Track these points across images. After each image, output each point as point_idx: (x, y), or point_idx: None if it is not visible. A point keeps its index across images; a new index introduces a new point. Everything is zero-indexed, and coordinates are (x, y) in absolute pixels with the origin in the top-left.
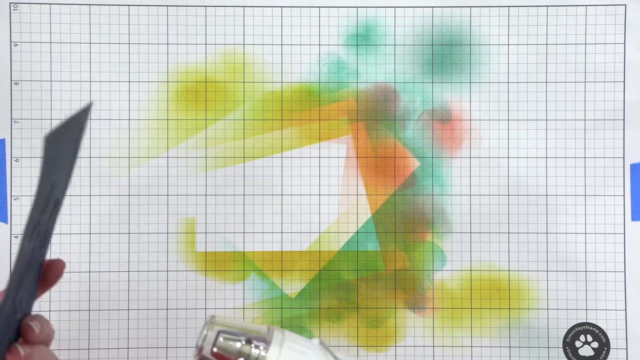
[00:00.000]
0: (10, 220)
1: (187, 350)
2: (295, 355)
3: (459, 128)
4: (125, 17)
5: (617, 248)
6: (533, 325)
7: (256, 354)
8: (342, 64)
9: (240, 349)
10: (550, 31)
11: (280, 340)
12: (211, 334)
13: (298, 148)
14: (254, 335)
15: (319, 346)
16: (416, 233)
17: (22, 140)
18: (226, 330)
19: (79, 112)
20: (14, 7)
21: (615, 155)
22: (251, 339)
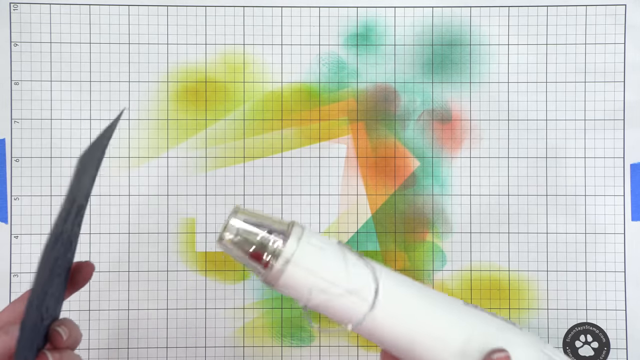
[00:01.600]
0: (10, 220)
1: (187, 350)
2: (313, 250)
3: (459, 128)
4: (125, 17)
5: (617, 248)
6: (533, 325)
7: (273, 246)
8: (342, 64)
9: (259, 241)
10: (550, 31)
11: (299, 234)
12: (233, 223)
13: (298, 148)
14: (274, 227)
15: (337, 244)
16: (416, 233)
17: (22, 140)
18: (248, 220)
19: (111, 123)
20: (14, 7)
21: (615, 155)
22: (271, 231)
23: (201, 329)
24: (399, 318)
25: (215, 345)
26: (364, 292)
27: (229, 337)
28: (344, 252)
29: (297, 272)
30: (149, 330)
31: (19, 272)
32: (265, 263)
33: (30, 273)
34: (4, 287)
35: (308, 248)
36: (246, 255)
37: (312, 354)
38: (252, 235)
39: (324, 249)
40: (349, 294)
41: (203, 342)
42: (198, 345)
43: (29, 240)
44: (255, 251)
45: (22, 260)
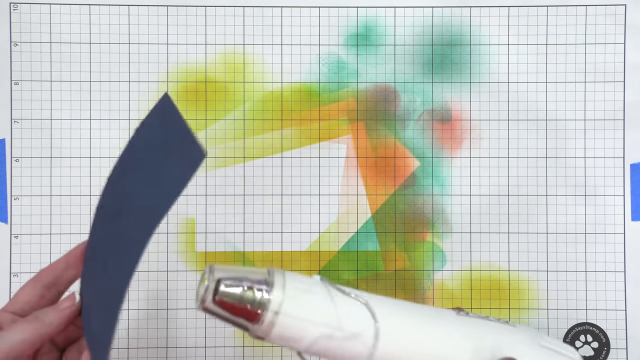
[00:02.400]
0: (10, 220)
1: (187, 350)
2: (300, 295)
3: (459, 128)
4: (125, 17)
5: (617, 248)
6: (533, 325)
7: (259, 297)
8: (342, 64)
9: (242, 295)
10: (550, 31)
11: (282, 281)
12: (211, 283)
13: (298, 148)
14: (254, 278)
15: (320, 282)
16: (416, 233)
17: (22, 140)
18: (226, 277)
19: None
20: (14, 7)
21: (615, 155)
22: (253, 283)
23: (201, 329)
24: (403, 348)
25: (215, 345)
26: (364, 333)
27: (229, 337)
28: (329, 290)
29: (289, 321)
30: (149, 330)
31: (19, 272)
32: (254, 318)
33: (30, 273)
34: (4, 287)
35: (295, 294)
36: (231, 314)
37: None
38: (234, 292)
39: (310, 291)
40: (348, 338)
41: (203, 342)
42: (198, 345)
43: (29, 240)
44: (241, 308)
45: (22, 260)
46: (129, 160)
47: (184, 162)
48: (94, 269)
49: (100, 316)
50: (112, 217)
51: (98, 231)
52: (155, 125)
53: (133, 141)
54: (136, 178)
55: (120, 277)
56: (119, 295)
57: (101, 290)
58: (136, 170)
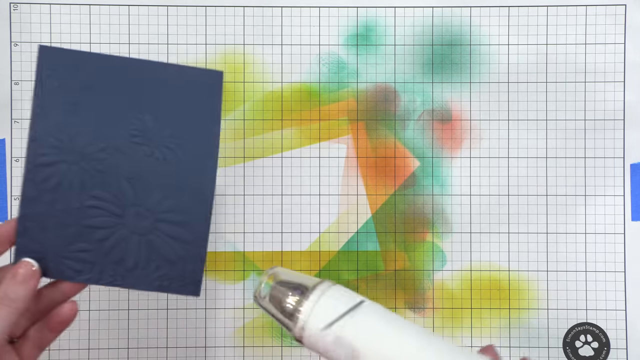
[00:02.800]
0: None
1: (187, 350)
2: (329, 313)
3: (459, 128)
4: (125, 17)
5: (617, 248)
6: (533, 325)
7: (290, 309)
8: (342, 64)
9: (287, 301)
10: (550, 31)
11: (317, 297)
12: (264, 286)
13: (298, 148)
14: (299, 289)
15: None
16: (416, 233)
17: (22, 140)
18: (283, 279)
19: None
20: (14, 7)
21: (615, 155)
22: (302, 290)
23: (201, 329)
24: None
25: (215, 345)
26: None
27: (229, 337)
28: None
29: (314, 336)
30: (149, 330)
31: None
32: (290, 325)
33: None
34: None
35: (324, 311)
36: (278, 312)
37: (312, 354)
38: (282, 295)
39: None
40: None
41: (203, 342)
42: (198, 345)
43: None
44: (284, 311)
45: None
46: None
47: (208, 88)
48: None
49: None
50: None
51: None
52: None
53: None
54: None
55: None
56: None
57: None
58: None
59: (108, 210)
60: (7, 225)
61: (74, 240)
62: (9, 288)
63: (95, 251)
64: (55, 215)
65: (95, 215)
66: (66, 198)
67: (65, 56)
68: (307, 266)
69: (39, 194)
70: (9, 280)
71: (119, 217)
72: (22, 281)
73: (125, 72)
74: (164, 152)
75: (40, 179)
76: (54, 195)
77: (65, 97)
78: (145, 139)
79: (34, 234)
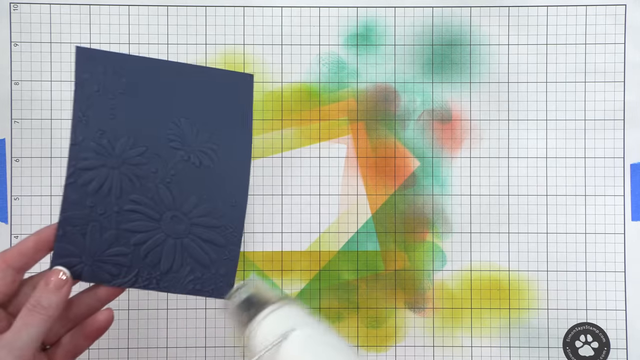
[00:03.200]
0: (10, 220)
1: (187, 350)
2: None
3: (459, 128)
4: (125, 17)
5: (617, 248)
6: (533, 325)
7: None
8: (342, 64)
9: (241, 317)
10: (550, 31)
11: (259, 321)
12: (235, 298)
13: (298, 148)
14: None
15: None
16: (416, 233)
17: (22, 140)
18: (247, 296)
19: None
20: (14, 7)
21: (615, 155)
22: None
23: (201, 329)
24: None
25: (215, 345)
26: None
27: (229, 337)
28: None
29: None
30: (149, 330)
31: None
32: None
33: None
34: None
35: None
36: (237, 326)
37: None
38: (237, 312)
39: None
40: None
41: (203, 342)
42: (198, 345)
43: None
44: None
45: None
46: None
47: (239, 91)
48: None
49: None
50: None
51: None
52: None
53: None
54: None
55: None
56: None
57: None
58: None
59: (146, 214)
60: (47, 230)
61: (111, 244)
62: (41, 296)
63: (132, 255)
64: (95, 219)
65: (133, 219)
66: (106, 202)
67: (102, 57)
68: (307, 266)
69: (80, 198)
70: (41, 288)
71: (157, 221)
72: (54, 289)
73: (160, 75)
74: (199, 157)
75: (82, 183)
76: (94, 199)
77: (105, 100)
78: (181, 144)
79: (72, 238)
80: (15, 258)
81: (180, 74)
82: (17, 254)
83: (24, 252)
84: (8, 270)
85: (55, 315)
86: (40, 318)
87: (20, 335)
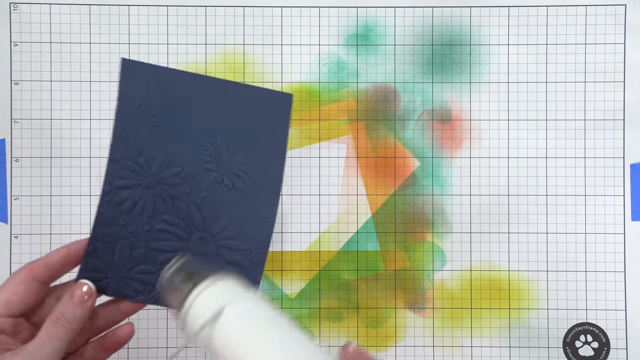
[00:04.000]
0: (10, 220)
1: (186, 350)
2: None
3: (459, 128)
4: (125, 17)
5: (617, 248)
6: (533, 325)
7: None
8: (342, 64)
9: (174, 295)
10: (550, 31)
11: (194, 297)
12: (168, 276)
13: (298, 148)
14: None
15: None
16: (416, 233)
17: (22, 140)
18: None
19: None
20: (14, 7)
21: (615, 155)
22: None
23: None
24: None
25: None
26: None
27: None
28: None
29: (191, 337)
30: (149, 330)
31: None
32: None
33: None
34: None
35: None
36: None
37: None
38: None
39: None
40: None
41: None
42: (198, 345)
43: (29, 240)
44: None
45: (22, 261)
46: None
47: (277, 112)
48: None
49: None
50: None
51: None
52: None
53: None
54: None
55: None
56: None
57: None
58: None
59: (175, 234)
60: (77, 244)
61: (139, 262)
62: (66, 308)
63: (157, 273)
64: (125, 237)
65: (163, 239)
66: (138, 221)
67: (146, 71)
68: (307, 266)
69: (113, 216)
70: (66, 300)
71: (185, 241)
72: (79, 302)
73: (202, 91)
74: (232, 179)
75: (116, 201)
76: (126, 218)
77: (146, 117)
78: (216, 165)
79: (101, 254)
80: (41, 270)
81: (222, 91)
82: (44, 267)
83: (51, 265)
84: (33, 283)
85: (78, 329)
86: (64, 331)
87: (43, 347)
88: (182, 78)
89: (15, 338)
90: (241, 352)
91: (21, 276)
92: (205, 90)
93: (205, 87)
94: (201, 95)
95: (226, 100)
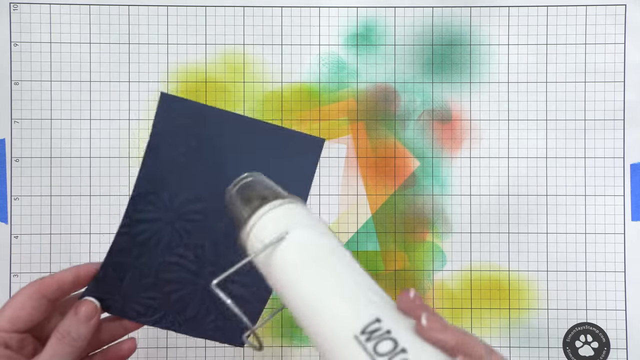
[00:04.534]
0: (10, 220)
1: (187, 350)
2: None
3: (459, 128)
4: (125, 17)
5: (617, 248)
6: (533, 325)
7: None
8: (342, 64)
9: (240, 212)
10: (550, 31)
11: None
12: (236, 190)
13: None
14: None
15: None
16: (416, 233)
17: (22, 140)
18: (249, 190)
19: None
20: (14, 7)
21: (615, 155)
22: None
23: None
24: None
25: (215, 345)
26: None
27: None
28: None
29: (251, 256)
30: (149, 331)
31: (19, 272)
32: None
33: (30, 273)
34: (4, 287)
35: (260, 233)
36: (237, 212)
37: (312, 354)
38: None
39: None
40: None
41: (203, 342)
42: (198, 345)
43: (29, 240)
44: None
45: (22, 260)
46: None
47: (306, 155)
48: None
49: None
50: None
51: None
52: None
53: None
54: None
55: None
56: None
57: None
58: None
59: (187, 267)
60: (87, 268)
61: (146, 290)
62: (71, 326)
63: (162, 299)
64: (137, 266)
65: (174, 271)
66: (152, 253)
67: (184, 106)
68: None
69: (128, 247)
70: (71, 317)
71: (195, 274)
72: (84, 320)
73: (234, 130)
74: None
75: (134, 234)
76: (141, 249)
77: (176, 153)
78: None
79: (110, 280)
80: (51, 289)
81: (254, 130)
82: (54, 286)
83: (61, 285)
84: (42, 300)
85: (84, 346)
86: (70, 350)
87: None
88: (217, 115)
89: (20, 353)
90: (296, 282)
91: (30, 292)
92: (238, 129)
93: (238, 125)
94: (233, 133)
95: (257, 139)
